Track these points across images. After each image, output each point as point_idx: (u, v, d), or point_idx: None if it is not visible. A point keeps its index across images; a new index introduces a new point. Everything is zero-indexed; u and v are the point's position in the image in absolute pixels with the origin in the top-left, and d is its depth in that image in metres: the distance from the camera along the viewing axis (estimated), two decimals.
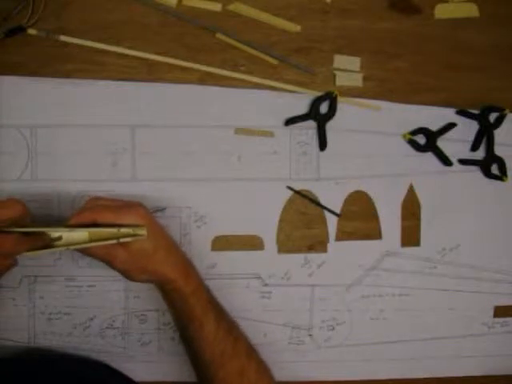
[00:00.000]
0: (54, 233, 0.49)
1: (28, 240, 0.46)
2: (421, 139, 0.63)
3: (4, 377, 0.50)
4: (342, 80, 0.62)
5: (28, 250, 0.47)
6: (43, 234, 0.48)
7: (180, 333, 0.55)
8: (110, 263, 0.51)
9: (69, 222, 0.49)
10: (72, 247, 0.48)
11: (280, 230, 0.62)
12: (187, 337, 0.53)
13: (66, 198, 0.59)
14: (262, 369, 0.53)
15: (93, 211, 0.49)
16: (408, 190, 0.64)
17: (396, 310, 0.64)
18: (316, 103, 0.61)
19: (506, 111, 0.64)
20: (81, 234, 0.49)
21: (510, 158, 0.65)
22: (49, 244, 0.48)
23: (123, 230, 0.48)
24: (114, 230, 0.48)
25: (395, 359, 0.65)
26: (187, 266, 0.53)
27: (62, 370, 0.54)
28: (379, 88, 0.63)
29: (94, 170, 0.59)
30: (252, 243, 0.62)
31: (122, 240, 0.48)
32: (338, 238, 0.63)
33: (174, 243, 0.54)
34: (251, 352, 0.54)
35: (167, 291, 0.53)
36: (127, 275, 0.52)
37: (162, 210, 0.59)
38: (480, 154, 0.65)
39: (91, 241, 0.48)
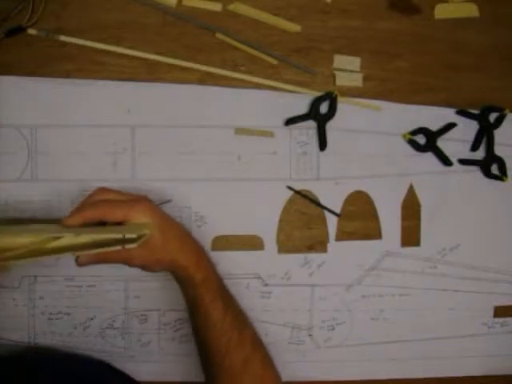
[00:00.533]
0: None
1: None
2: (421, 139, 0.63)
3: (4, 376, 0.49)
4: (341, 80, 0.62)
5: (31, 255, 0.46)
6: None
7: (190, 321, 0.55)
8: (127, 263, 0.51)
9: (71, 220, 0.48)
10: (78, 253, 0.48)
11: (280, 230, 0.62)
12: (195, 324, 0.54)
13: (66, 198, 0.59)
14: (267, 361, 0.53)
15: (99, 209, 0.49)
16: (408, 190, 0.64)
17: (396, 310, 0.64)
18: (316, 103, 0.61)
19: (506, 111, 0.64)
20: (85, 240, 0.48)
21: (510, 158, 0.65)
22: (54, 247, 0.48)
23: (128, 236, 0.48)
24: (119, 236, 0.48)
25: (395, 359, 0.65)
26: (199, 253, 0.54)
27: (63, 369, 0.54)
28: (379, 88, 0.63)
29: (94, 170, 0.59)
30: (252, 243, 0.62)
31: (127, 246, 0.47)
32: (338, 238, 0.63)
33: (184, 231, 0.54)
34: (257, 343, 0.53)
35: (179, 278, 0.53)
36: (145, 269, 0.52)
37: (167, 201, 0.59)
38: (480, 154, 0.65)
39: (96, 247, 0.48)
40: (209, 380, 0.53)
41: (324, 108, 0.62)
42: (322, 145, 0.62)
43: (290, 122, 0.61)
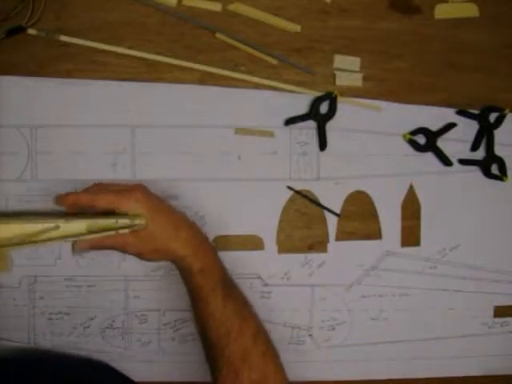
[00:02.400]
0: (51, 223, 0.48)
1: None
2: (421, 139, 0.63)
3: (3, 377, 0.49)
4: (342, 80, 0.62)
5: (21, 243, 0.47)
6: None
7: (191, 309, 0.55)
8: (122, 250, 0.52)
9: (65, 200, 0.50)
10: (70, 239, 0.48)
11: (280, 229, 0.62)
12: (195, 313, 0.53)
13: None
14: (270, 354, 0.52)
15: (91, 193, 0.50)
16: (408, 190, 0.64)
17: (396, 310, 0.64)
18: (316, 103, 0.61)
19: (506, 111, 0.64)
20: (78, 226, 0.48)
21: (510, 158, 0.65)
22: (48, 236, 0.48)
23: (121, 221, 0.48)
24: (112, 221, 0.48)
25: (395, 359, 0.65)
26: (198, 241, 0.53)
27: (62, 369, 0.54)
28: (379, 88, 0.63)
29: (94, 170, 0.59)
30: (252, 243, 0.62)
31: (120, 231, 0.48)
32: (338, 238, 0.63)
33: (182, 219, 0.54)
34: (260, 335, 0.52)
35: (178, 267, 0.54)
36: (142, 258, 0.52)
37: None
38: (480, 154, 0.65)
39: (89, 232, 0.48)
40: (212, 371, 0.52)
41: (324, 108, 0.62)
42: (322, 145, 0.62)
43: (289, 121, 0.61)
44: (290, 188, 0.62)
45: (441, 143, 0.63)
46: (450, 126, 0.63)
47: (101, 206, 0.50)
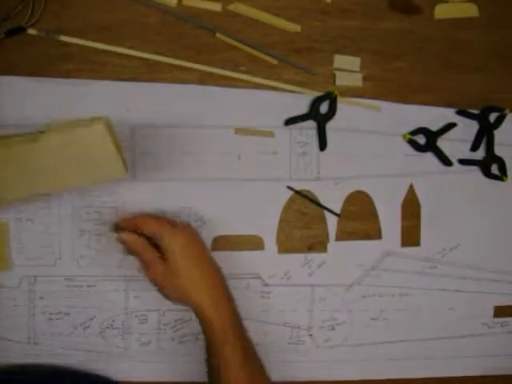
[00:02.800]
0: None
1: None
2: (421, 139, 0.63)
3: None
4: (341, 80, 0.62)
5: None
6: None
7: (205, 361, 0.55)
8: (146, 269, 0.53)
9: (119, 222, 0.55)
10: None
11: (280, 230, 0.62)
12: (208, 367, 0.53)
13: (66, 198, 0.59)
14: None
15: (136, 217, 0.54)
16: (408, 190, 0.64)
17: (396, 310, 0.64)
18: (316, 103, 0.61)
19: (506, 111, 0.64)
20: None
21: (510, 158, 0.65)
22: None
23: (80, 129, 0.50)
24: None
25: (395, 359, 0.65)
26: (221, 296, 0.53)
27: None
28: (379, 88, 0.63)
29: None
30: (252, 243, 0.62)
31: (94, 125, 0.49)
32: (338, 238, 0.63)
33: (210, 270, 0.54)
34: None
35: (199, 320, 0.53)
36: (161, 290, 0.53)
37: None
38: (480, 154, 0.65)
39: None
40: None
41: (324, 108, 0.62)
42: (322, 145, 0.62)
43: (289, 121, 0.61)
44: (289, 188, 0.62)
45: (441, 143, 0.63)
46: (449, 126, 0.63)
47: (145, 229, 0.53)
